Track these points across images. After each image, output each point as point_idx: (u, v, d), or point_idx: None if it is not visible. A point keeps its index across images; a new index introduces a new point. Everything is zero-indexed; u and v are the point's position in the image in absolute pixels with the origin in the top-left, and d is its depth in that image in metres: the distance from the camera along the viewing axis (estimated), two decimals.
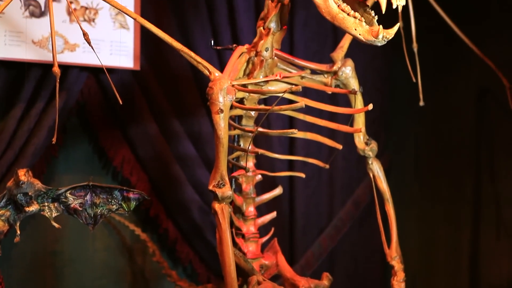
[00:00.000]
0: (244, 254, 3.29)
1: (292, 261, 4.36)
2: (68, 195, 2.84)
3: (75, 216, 2.88)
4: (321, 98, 3.44)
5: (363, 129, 3.25)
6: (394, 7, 2.43)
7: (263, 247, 3.41)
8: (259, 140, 3.88)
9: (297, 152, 4.30)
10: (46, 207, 2.82)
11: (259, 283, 3.03)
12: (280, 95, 2.88)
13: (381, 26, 2.49)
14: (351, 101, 3.25)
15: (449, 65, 4.48)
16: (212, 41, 3.42)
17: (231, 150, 3.21)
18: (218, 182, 2.85)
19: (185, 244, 4.17)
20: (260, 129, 3.03)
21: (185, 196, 4.05)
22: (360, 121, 3.26)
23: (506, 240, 4.17)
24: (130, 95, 3.91)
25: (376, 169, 3.32)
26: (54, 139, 2.77)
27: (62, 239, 3.91)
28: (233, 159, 3.31)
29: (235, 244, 3.27)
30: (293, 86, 2.94)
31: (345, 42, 3.30)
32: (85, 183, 2.87)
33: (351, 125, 3.24)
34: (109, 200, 2.88)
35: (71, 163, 3.97)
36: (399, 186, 4.44)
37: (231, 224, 3.12)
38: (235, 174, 3.33)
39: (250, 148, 3.21)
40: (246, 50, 3.11)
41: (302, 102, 2.74)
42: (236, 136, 3.31)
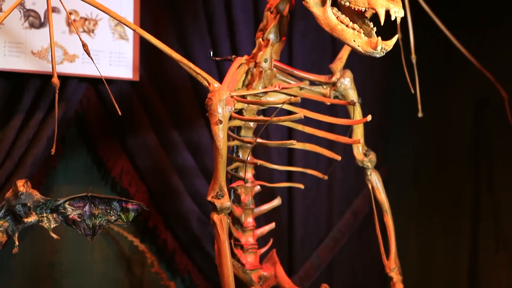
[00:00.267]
0: (243, 265, 3.28)
1: (290, 272, 4.34)
2: (67, 206, 2.84)
3: (74, 227, 2.88)
4: (320, 109, 3.44)
5: (362, 140, 3.25)
6: (393, 18, 2.44)
7: (262, 258, 3.40)
8: (258, 151, 3.89)
9: (296, 163, 4.30)
10: (45, 218, 2.82)
11: None
12: (279, 106, 2.89)
13: (379, 37, 2.50)
14: (350, 112, 3.25)
15: (447, 76, 4.49)
16: (211, 52, 3.43)
17: (230, 161, 3.21)
18: (217, 193, 2.85)
19: (183, 255, 4.16)
20: (259, 140, 3.03)
21: (183, 207, 4.05)
22: (359, 132, 3.26)
23: (505, 251, 4.17)
24: (129, 106, 3.91)
25: (375, 180, 3.32)
26: (53, 150, 2.77)
27: (60, 250, 3.90)
28: (232, 170, 3.30)
29: (233, 255, 3.26)
30: (292, 97, 2.95)
31: (344, 54, 3.30)
32: (83, 194, 2.87)
33: (350, 136, 3.25)
34: (108, 211, 2.88)
35: (70, 173, 3.96)
36: (398, 197, 4.44)
37: (230, 235, 3.12)
38: (234, 185, 3.33)
39: (249, 159, 3.22)
40: (245, 61, 3.12)
41: (301, 113, 2.75)
42: (235, 147, 3.31)
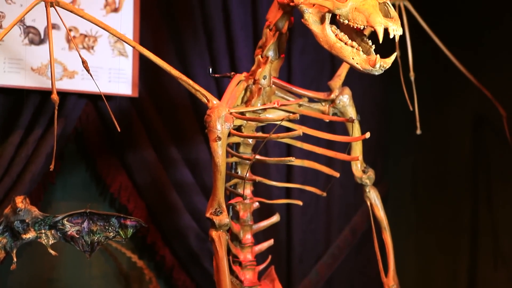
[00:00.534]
0: (241, 282, 3.27)
1: None
2: (65, 222, 2.84)
3: (72, 244, 2.87)
4: (319, 126, 3.45)
5: (360, 157, 3.26)
6: (391, 36, 2.46)
7: (260, 275, 3.40)
8: (257, 167, 3.88)
9: (294, 179, 4.30)
10: (43, 234, 2.81)
11: None
12: (278, 123, 2.89)
13: (378, 55, 2.51)
14: (348, 129, 3.26)
15: (446, 93, 4.50)
16: (211, 69, 3.44)
17: (228, 178, 3.21)
18: (216, 209, 2.85)
19: (182, 271, 4.15)
20: (257, 156, 3.04)
21: (182, 223, 4.04)
22: (357, 149, 3.27)
23: (503, 269, 4.16)
24: (128, 122, 3.92)
25: (374, 197, 3.32)
26: (52, 166, 2.76)
27: (58, 266, 3.89)
28: (230, 186, 3.31)
29: (232, 272, 3.26)
30: (291, 114, 2.95)
31: (343, 71, 3.32)
32: (82, 210, 2.86)
33: (349, 153, 3.25)
34: (106, 228, 2.88)
35: (68, 189, 3.96)
36: (397, 214, 4.44)
37: (228, 251, 3.12)
38: (232, 201, 3.33)
39: (247, 175, 3.22)
40: (244, 78, 3.13)
41: (299, 130, 2.76)
42: (234, 163, 3.31)
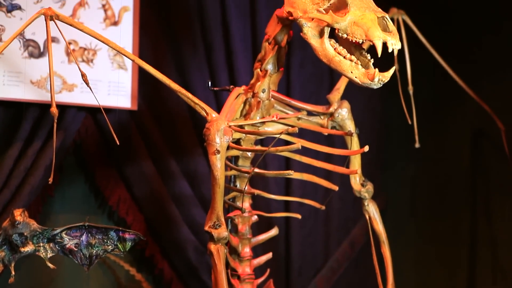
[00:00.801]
0: None
1: None
2: (64, 235, 2.84)
3: (70, 257, 2.87)
4: (317, 139, 3.45)
5: (359, 171, 3.26)
6: (390, 50, 2.46)
7: None
8: (256, 180, 3.89)
9: (293, 192, 4.30)
10: (42, 248, 2.81)
11: None
12: (277, 136, 2.90)
13: (377, 69, 2.52)
14: (347, 143, 3.26)
15: (444, 107, 4.51)
16: (210, 82, 3.45)
17: (227, 191, 3.21)
18: (214, 223, 2.85)
19: (180, 284, 4.14)
20: (256, 170, 3.04)
21: (180, 236, 4.04)
22: (356, 163, 3.27)
23: (502, 282, 4.15)
24: (127, 135, 3.92)
25: (372, 210, 3.32)
26: (51, 179, 2.76)
27: (56, 279, 3.88)
28: (229, 199, 3.31)
29: (230, 285, 3.25)
30: (290, 127, 2.95)
31: (342, 84, 3.32)
32: (80, 224, 2.86)
33: (347, 167, 3.25)
34: (105, 241, 2.88)
35: (67, 202, 3.96)
36: (395, 227, 4.43)
37: (227, 265, 3.11)
38: (231, 214, 3.33)
39: (246, 188, 3.22)
40: (243, 91, 3.14)
41: (298, 144, 2.77)
42: (233, 176, 3.32)
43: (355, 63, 2.55)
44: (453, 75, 3.97)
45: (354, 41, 2.52)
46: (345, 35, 2.53)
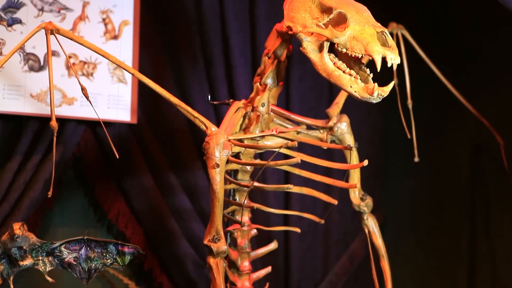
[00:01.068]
0: None
1: None
2: (63, 249, 2.84)
3: (69, 270, 2.87)
4: (317, 153, 3.46)
5: (358, 185, 3.25)
6: (389, 65, 2.47)
7: None
8: (255, 194, 3.89)
9: (292, 206, 4.30)
10: (40, 261, 2.81)
11: None
12: (276, 150, 2.90)
13: (376, 83, 2.53)
14: (346, 157, 3.26)
15: (443, 121, 4.51)
16: (209, 96, 3.46)
17: (226, 204, 3.21)
18: (213, 236, 2.85)
19: None
20: (256, 183, 3.04)
21: (180, 250, 4.03)
22: (355, 177, 3.27)
23: None
24: (126, 148, 3.92)
25: (371, 224, 3.32)
26: (50, 193, 2.76)
27: None
28: (228, 213, 3.30)
29: None
30: (289, 141, 2.96)
31: (341, 98, 3.33)
32: (80, 237, 2.86)
33: (347, 181, 3.25)
34: (104, 254, 2.87)
35: (66, 215, 3.95)
36: (395, 241, 4.43)
37: (226, 278, 3.11)
38: (230, 228, 3.33)
39: (245, 202, 3.22)
40: (242, 105, 3.14)
41: (298, 158, 2.77)
42: (232, 190, 3.32)
43: (354, 77, 2.56)
44: (452, 89, 3.98)
45: (353, 55, 2.53)
46: (344, 50, 2.54)
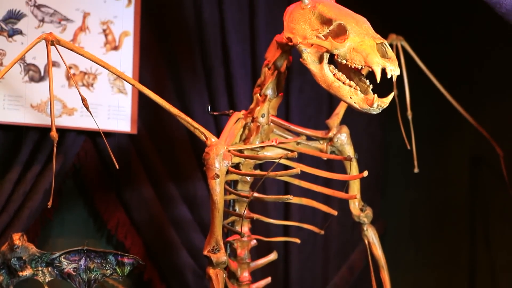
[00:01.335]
0: None
1: None
2: (62, 259, 2.84)
3: (69, 281, 2.87)
4: (317, 164, 3.46)
5: (358, 196, 3.26)
6: (389, 76, 2.47)
7: None
8: (255, 205, 3.88)
9: (292, 216, 4.29)
10: (40, 272, 2.81)
11: None
12: (276, 160, 2.90)
13: (376, 95, 2.53)
14: (346, 168, 3.27)
15: (443, 132, 4.52)
16: (209, 107, 3.46)
17: (226, 215, 3.21)
18: (213, 247, 2.85)
19: None
20: (255, 194, 3.04)
21: (179, 260, 4.03)
22: (355, 188, 3.27)
23: None
24: (126, 159, 3.92)
25: (371, 235, 3.31)
26: (50, 203, 2.76)
27: None
28: (228, 224, 3.30)
29: None
30: (289, 152, 2.96)
31: (341, 109, 3.33)
32: (79, 248, 2.86)
33: (346, 191, 3.25)
34: (103, 265, 2.87)
35: (66, 226, 3.95)
36: (394, 252, 4.42)
37: None
38: (230, 239, 3.32)
39: (245, 213, 3.22)
40: (242, 116, 3.15)
41: (297, 168, 2.77)
42: (232, 200, 3.32)
43: (354, 88, 2.56)
44: (451, 100, 3.98)
45: (353, 67, 2.53)
46: (344, 61, 2.54)
